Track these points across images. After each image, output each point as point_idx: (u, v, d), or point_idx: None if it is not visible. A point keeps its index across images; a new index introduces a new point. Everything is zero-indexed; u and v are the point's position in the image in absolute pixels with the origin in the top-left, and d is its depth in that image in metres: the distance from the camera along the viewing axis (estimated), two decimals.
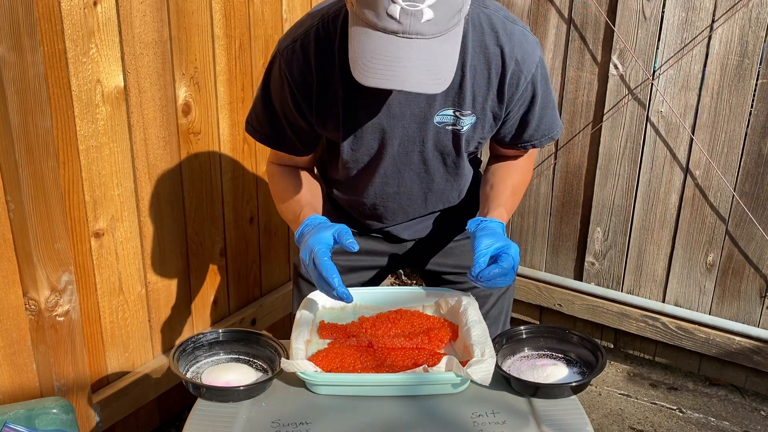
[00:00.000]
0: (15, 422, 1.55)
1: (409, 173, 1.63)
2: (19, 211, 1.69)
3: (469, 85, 1.50)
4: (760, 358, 2.59)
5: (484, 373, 1.33)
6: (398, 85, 1.26)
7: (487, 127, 1.57)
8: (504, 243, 1.44)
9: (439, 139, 1.57)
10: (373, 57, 1.26)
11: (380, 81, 1.26)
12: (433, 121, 1.54)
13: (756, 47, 2.33)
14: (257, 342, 1.53)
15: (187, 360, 1.49)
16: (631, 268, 2.77)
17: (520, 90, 1.52)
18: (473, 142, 1.60)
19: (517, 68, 1.49)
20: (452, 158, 1.62)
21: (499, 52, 1.48)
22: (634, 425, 2.57)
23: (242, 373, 1.47)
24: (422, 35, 1.24)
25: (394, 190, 1.67)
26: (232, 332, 1.55)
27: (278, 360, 1.45)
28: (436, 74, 1.28)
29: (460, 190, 1.73)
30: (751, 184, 2.46)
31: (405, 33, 1.24)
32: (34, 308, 1.78)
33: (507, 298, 1.86)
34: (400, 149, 1.58)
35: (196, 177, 2.25)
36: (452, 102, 1.52)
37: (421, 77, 1.26)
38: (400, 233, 1.78)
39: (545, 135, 1.64)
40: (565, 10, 2.61)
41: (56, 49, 1.76)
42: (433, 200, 1.72)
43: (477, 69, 1.49)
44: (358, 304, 1.65)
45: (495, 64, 1.49)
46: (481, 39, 1.48)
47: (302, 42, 1.49)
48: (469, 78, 1.49)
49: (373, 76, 1.26)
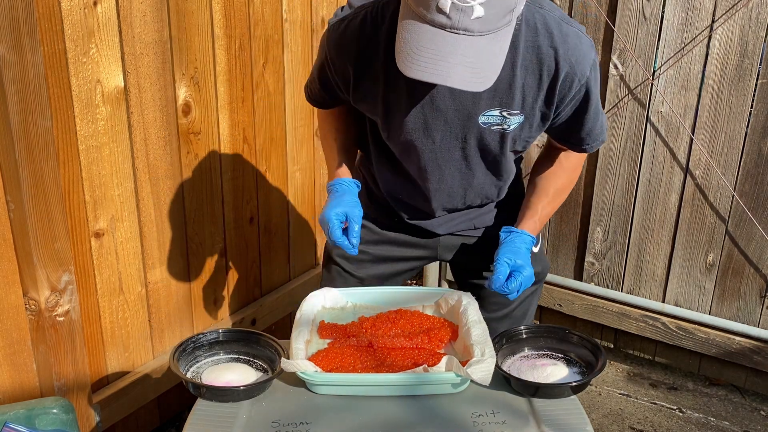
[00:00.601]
0: (15, 422, 1.55)
1: (450, 168, 1.62)
2: (19, 211, 1.69)
3: (519, 85, 1.48)
4: (760, 358, 2.59)
5: (483, 372, 1.33)
6: (441, 80, 1.26)
7: (535, 126, 1.56)
8: (520, 263, 1.53)
9: (482, 137, 1.56)
10: (418, 49, 1.26)
11: (423, 74, 1.26)
12: (478, 120, 1.52)
13: (756, 47, 2.33)
14: (257, 342, 1.53)
15: (187, 360, 1.49)
16: (631, 268, 2.77)
17: (573, 92, 1.50)
18: (520, 142, 1.59)
19: (571, 71, 1.47)
20: (495, 156, 1.61)
21: (552, 53, 1.46)
22: (634, 425, 2.57)
23: (242, 373, 1.47)
24: (470, 32, 1.24)
25: (434, 186, 1.65)
26: (232, 332, 1.55)
27: (278, 360, 1.45)
28: (480, 72, 1.27)
29: (501, 187, 1.72)
30: (751, 184, 2.46)
31: (453, 28, 1.23)
32: (34, 308, 1.78)
33: (533, 301, 1.86)
34: (441, 144, 1.57)
35: (196, 177, 2.25)
36: (500, 102, 1.50)
37: (464, 74, 1.26)
38: (435, 228, 1.76)
39: (597, 139, 1.64)
40: (565, 10, 2.60)
41: (56, 49, 1.76)
42: (472, 195, 1.70)
43: (528, 69, 1.47)
44: (358, 304, 1.65)
45: (548, 65, 1.47)
46: (534, 39, 1.46)
47: (349, 24, 1.51)
48: (520, 77, 1.48)
49: (417, 68, 1.26)
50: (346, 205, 1.58)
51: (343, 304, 1.65)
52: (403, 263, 1.84)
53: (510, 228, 1.62)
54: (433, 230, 1.77)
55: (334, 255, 1.84)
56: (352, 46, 1.51)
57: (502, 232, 1.62)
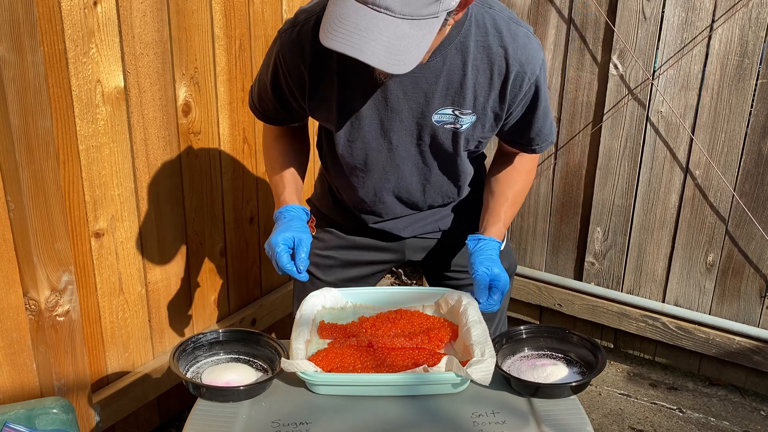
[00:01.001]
0: (15, 422, 1.55)
1: (407, 166, 1.64)
2: (19, 211, 1.69)
3: (470, 84, 1.50)
4: (760, 358, 2.59)
5: (483, 373, 1.33)
6: (353, 53, 1.25)
7: (488, 126, 1.58)
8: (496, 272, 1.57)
9: (437, 136, 1.58)
10: (339, 21, 1.26)
11: (338, 44, 1.25)
12: (432, 119, 1.54)
13: (756, 47, 2.33)
14: (257, 342, 1.53)
15: (187, 360, 1.49)
16: (631, 268, 2.77)
17: (523, 91, 1.53)
18: (473, 141, 1.61)
19: (521, 69, 1.50)
20: (451, 155, 1.63)
21: (503, 53, 1.48)
22: (634, 425, 2.57)
23: (242, 373, 1.47)
24: (391, 11, 1.24)
25: (392, 185, 1.67)
26: (232, 332, 1.55)
27: (278, 360, 1.45)
28: (397, 55, 1.26)
29: (460, 186, 1.73)
30: (751, 184, 2.46)
31: (374, 5, 1.23)
32: (34, 308, 1.78)
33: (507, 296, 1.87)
34: (398, 144, 1.59)
35: (196, 177, 2.25)
36: (452, 101, 1.52)
37: (378, 52, 1.25)
38: (400, 231, 1.78)
39: (546, 139, 1.67)
40: (565, 10, 2.61)
41: (56, 49, 1.76)
42: (432, 193, 1.71)
43: (479, 69, 1.50)
44: (358, 304, 1.65)
45: (498, 65, 1.49)
46: (484, 38, 1.48)
47: (301, 28, 1.51)
48: (471, 77, 1.50)
49: (333, 39, 1.25)
50: (294, 231, 1.57)
51: (343, 304, 1.65)
52: (371, 267, 1.86)
53: (477, 236, 1.64)
54: (398, 233, 1.78)
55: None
56: (306, 50, 1.50)
57: (470, 240, 1.64)
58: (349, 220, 1.80)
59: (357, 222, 1.78)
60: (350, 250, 1.83)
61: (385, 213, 1.74)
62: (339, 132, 1.58)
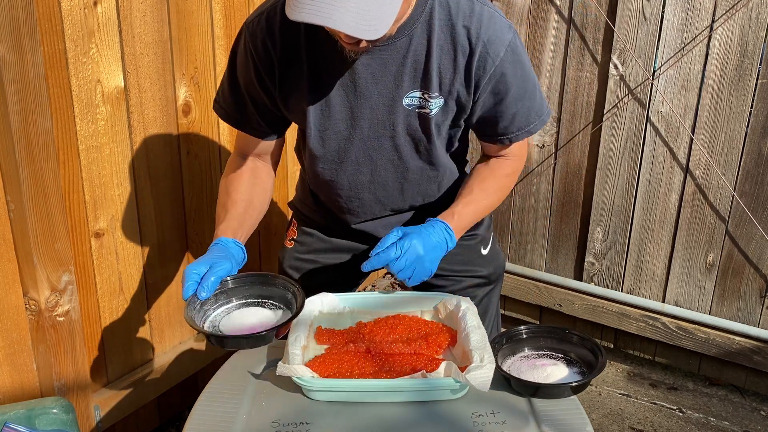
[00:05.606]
0: (15, 422, 1.55)
1: (381, 160, 1.60)
2: (19, 211, 1.69)
3: (435, 66, 1.47)
4: (760, 358, 2.59)
5: (483, 379, 1.31)
6: (322, 21, 1.23)
7: (456, 110, 1.54)
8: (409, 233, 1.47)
9: (409, 123, 1.54)
10: None
11: (305, 15, 1.23)
12: (403, 103, 1.51)
13: (756, 47, 2.33)
14: (263, 283, 1.52)
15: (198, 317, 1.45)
16: (631, 268, 2.77)
17: (488, 74, 1.48)
18: (444, 127, 1.57)
19: (485, 50, 1.46)
20: (424, 144, 1.58)
21: (465, 32, 1.45)
22: (634, 425, 2.57)
23: (262, 317, 1.44)
24: None
25: (367, 179, 1.63)
26: (235, 278, 1.52)
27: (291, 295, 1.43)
28: (366, 20, 1.24)
29: (439, 183, 1.69)
30: (751, 184, 2.46)
31: None
32: (34, 308, 1.78)
33: (491, 300, 1.85)
34: (370, 133, 1.56)
35: (196, 177, 2.26)
36: (420, 83, 1.49)
37: (347, 17, 1.23)
38: (379, 233, 1.71)
39: (521, 129, 1.60)
40: (565, 10, 2.61)
41: (56, 49, 1.77)
42: (411, 192, 1.67)
43: (444, 49, 1.47)
44: (356, 309, 1.63)
45: (461, 45, 1.46)
46: (447, 18, 1.45)
47: (268, 15, 1.49)
48: (435, 58, 1.47)
49: (300, 11, 1.23)
50: (213, 259, 1.47)
51: (341, 309, 1.62)
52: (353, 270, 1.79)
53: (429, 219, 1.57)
54: (378, 236, 1.71)
55: (285, 266, 1.85)
56: (276, 35, 1.49)
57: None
58: (331, 221, 1.77)
59: (338, 223, 1.75)
60: (331, 253, 1.80)
61: (363, 212, 1.70)
62: (310, 121, 1.55)
